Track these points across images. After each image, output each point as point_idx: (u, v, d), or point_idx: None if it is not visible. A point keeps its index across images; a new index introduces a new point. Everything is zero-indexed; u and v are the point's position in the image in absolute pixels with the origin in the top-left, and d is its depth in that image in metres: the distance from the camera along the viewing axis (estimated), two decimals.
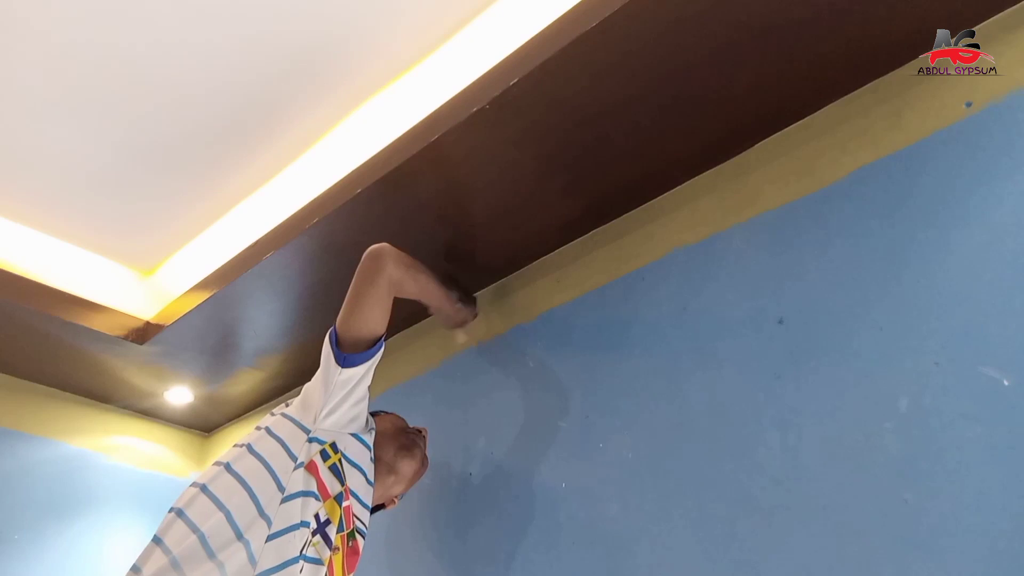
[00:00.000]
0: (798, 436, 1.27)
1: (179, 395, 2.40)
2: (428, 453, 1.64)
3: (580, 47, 1.28)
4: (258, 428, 1.38)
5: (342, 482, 1.35)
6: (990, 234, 1.17)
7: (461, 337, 1.88)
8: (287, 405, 1.45)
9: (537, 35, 1.35)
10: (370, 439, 1.45)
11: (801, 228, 1.39)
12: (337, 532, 1.32)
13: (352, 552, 1.38)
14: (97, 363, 2.20)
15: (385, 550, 1.89)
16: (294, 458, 1.30)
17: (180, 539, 1.21)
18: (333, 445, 1.36)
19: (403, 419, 1.63)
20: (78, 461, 2.34)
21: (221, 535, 1.20)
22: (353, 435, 1.41)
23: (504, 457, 1.72)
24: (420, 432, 1.63)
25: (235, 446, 1.36)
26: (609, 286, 1.67)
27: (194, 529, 1.21)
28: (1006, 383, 1.09)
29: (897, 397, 1.18)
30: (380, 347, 1.41)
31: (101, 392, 2.39)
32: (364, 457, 1.43)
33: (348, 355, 1.36)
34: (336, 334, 1.38)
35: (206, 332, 2.05)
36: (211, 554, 1.18)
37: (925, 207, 1.25)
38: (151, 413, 2.54)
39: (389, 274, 1.42)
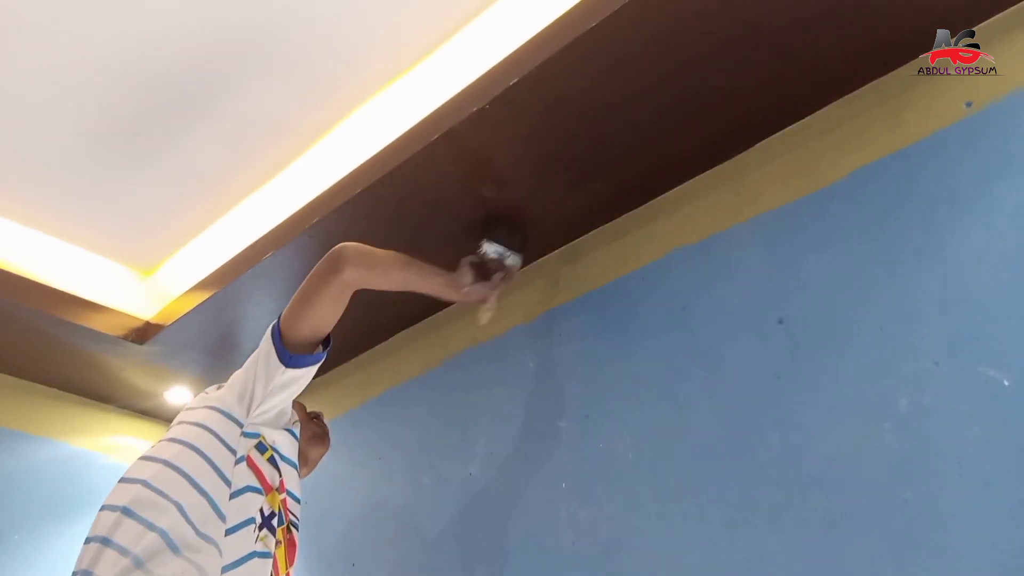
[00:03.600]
0: (798, 436, 1.27)
1: (179, 395, 2.40)
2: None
3: (580, 47, 1.28)
4: (191, 423, 1.32)
5: (279, 475, 1.35)
6: (990, 234, 1.17)
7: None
8: (207, 393, 1.41)
9: (537, 35, 1.35)
10: (298, 431, 1.45)
11: (801, 228, 1.39)
12: (278, 525, 1.32)
13: (291, 544, 1.37)
14: (97, 363, 2.20)
15: (385, 550, 1.89)
16: (233, 452, 1.28)
17: (136, 537, 1.16)
18: (264, 439, 1.35)
19: (302, 404, 1.61)
20: (78, 461, 2.34)
21: (182, 532, 1.17)
22: (286, 429, 1.40)
23: (504, 457, 1.72)
24: (320, 416, 1.64)
25: (169, 440, 1.30)
26: (609, 286, 1.67)
27: (150, 527, 1.16)
28: (1006, 383, 1.09)
29: (897, 397, 1.18)
30: (327, 351, 1.37)
31: (101, 392, 2.39)
32: (294, 451, 1.41)
33: (295, 356, 1.31)
34: (279, 331, 1.33)
35: (206, 332, 2.05)
36: (175, 550, 1.15)
37: (925, 207, 1.25)
38: (151, 413, 2.54)
39: (344, 278, 1.33)
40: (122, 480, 1.26)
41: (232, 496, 1.24)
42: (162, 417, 2.57)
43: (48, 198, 1.86)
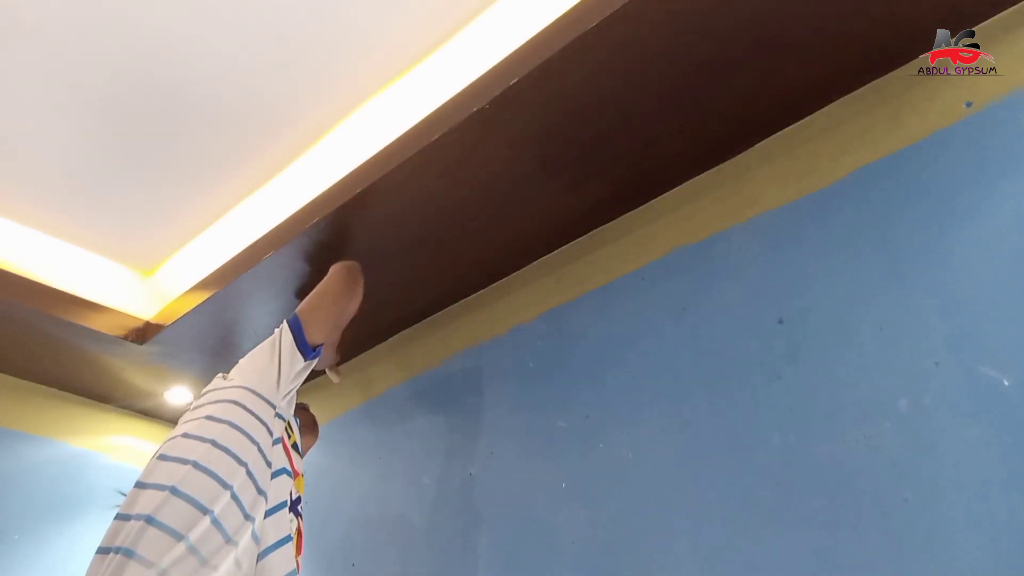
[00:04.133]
0: (798, 436, 1.27)
1: (179, 395, 2.40)
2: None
3: (580, 47, 1.28)
4: (227, 401, 1.32)
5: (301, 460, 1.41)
6: (990, 234, 1.17)
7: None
8: (224, 377, 1.42)
9: (537, 35, 1.35)
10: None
11: (801, 228, 1.39)
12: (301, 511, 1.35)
13: (299, 532, 1.38)
14: (97, 363, 2.20)
15: (385, 550, 1.89)
16: (271, 432, 1.31)
17: (188, 520, 1.13)
18: (290, 424, 1.41)
19: None
20: (78, 461, 2.34)
21: (233, 516, 1.17)
22: (294, 417, 1.46)
23: (504, 457, 1.72)
24: (308, 407, 1.70)
25: (208, 419, 1.28)
26: (609, 286, 1.67)
27: (203, 510, 1.15)
28: (1006, 383, 1.09)
29: (897, 397, 1.18)
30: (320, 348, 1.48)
31: (101, 392, 2.39)
32: (299, 439, 1.47)
33: (313, 348, 1.43)
34: (300, 325, 1.43)
35: (206, 332, 2.05)
36: (227, 538, 1.15)
37: (925, 207, 1.25)
38: (151, 413, 2.54)
39: (356, 300, 1.57)
40: (163, 458, 1.22)
41: (273, 475, 1.27)
42: (162, 417, 2.57)
43: (49, 198, 1.86)
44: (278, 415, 1.35)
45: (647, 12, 1.23)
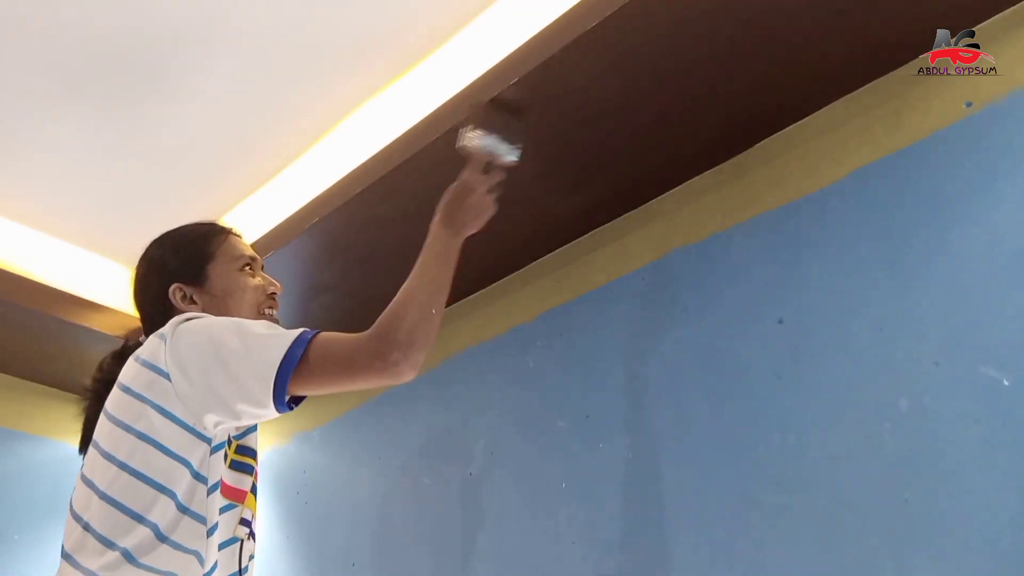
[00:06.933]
0: (798, 436, 1.27)
1: None
2: None
3: (580, 47, 1.28)
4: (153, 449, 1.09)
5: (252, 470, 1.17)
6: (990, 234, 1.17)
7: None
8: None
9: (537, 35, 1.35)
10: None
11: (801, 228, 1.39)
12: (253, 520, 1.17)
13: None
14: (97, 363, 2.20)
15: (385, 550, 1.89)
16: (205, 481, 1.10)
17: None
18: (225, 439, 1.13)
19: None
20: (78, 461, 2.33)
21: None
22: None
23: (504, 457, 1.72)
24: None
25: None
26: (609, 286, 1.67)
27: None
28: (1006, 383, 1.09)
29: (897, 397, 1.18)
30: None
31: None
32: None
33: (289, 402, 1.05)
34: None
35: None
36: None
37: (925, 207, 1.25)
38: None
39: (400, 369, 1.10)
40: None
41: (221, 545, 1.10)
42: None
43: (49, 198, 1.86)
44: (214, 449, 1.10)
45: (647, 12, 1.23)
